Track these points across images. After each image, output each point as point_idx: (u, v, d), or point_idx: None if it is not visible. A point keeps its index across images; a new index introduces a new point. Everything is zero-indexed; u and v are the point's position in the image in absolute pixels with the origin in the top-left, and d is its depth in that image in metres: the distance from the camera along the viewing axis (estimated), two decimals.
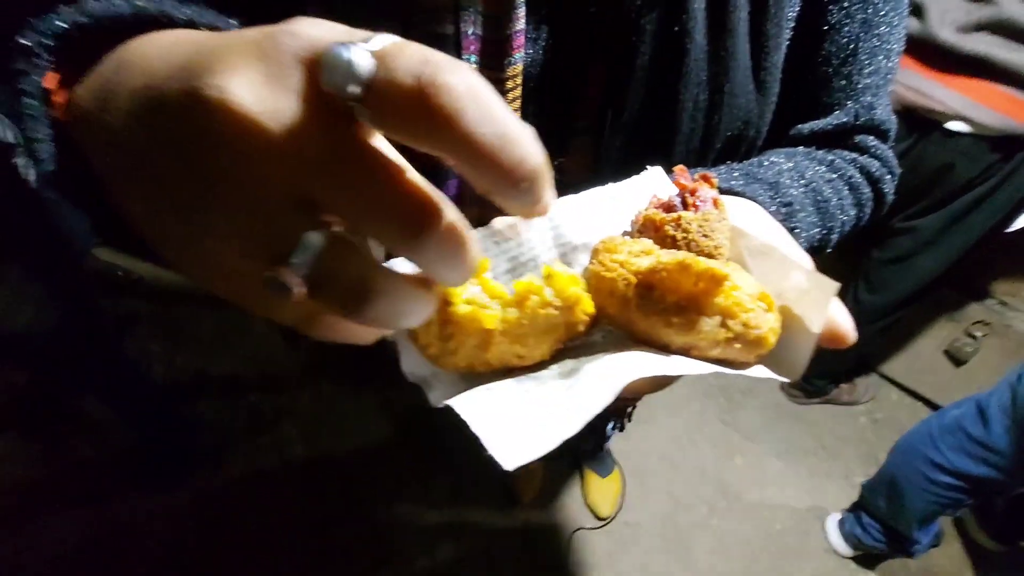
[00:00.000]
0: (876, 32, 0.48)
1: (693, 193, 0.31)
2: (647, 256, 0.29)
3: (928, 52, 1.12)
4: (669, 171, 0.35)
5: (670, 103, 0.44)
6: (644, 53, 0.42)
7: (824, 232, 0.48)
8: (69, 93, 0.24)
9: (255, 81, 0.18)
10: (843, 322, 0.30)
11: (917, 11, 1.12)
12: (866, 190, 0.52)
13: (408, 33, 0.38)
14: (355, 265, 0.20)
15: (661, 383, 0.30)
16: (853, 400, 1.92)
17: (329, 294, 0.20)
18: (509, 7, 0.39)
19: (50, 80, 0.24)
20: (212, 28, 0.26)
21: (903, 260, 1.43)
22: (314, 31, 0.19)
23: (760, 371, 0.30)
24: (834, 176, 0.50)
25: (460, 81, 0.17)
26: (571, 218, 0.34)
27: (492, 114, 0.17)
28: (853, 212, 0.51)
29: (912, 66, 1.16)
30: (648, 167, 0.36)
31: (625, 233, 0.34)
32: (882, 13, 0.47)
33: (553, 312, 0.28)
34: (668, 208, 0.31)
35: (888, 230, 1.41)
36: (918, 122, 1.19)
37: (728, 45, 0.42)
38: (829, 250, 0.51)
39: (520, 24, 0.39)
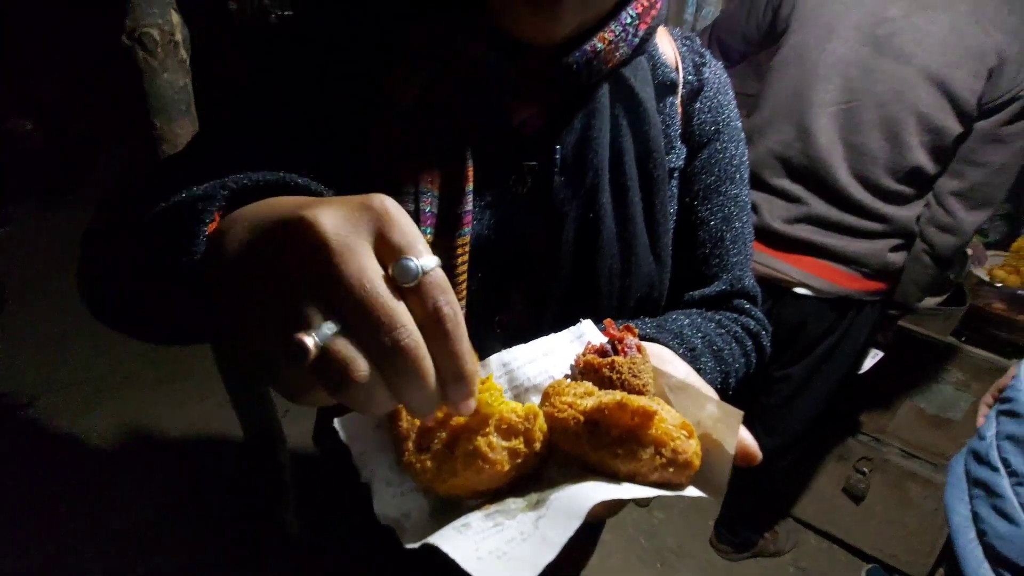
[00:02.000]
0: (734, 225, 0.65)
1: (621, 341, 0.38)
2: (590, 397, 0.35)
3: (768, 237, 1.44)
4: (597, 323, 0.43)
5: (591, 270, 0.54)
6: (568, 233, 0.53)
7: (723, 376, 0.58)
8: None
9: (339, 219, 0.26)
10: (750, 443, 0.37)
11: (753, 208, 1.46)
12: (748, 342, 0.64)
13: None
14: (351, 354, 0.26)
15: (615, 508, 0.33)
16: (778, 550, 1.94)
17: (326, 369, 0.25)
18: (460, 193, 0.49)
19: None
20: (317, 192, 0.37)
21: (784, 404, 1.63)
22: (395, 214, 0.28)
23: (692, 491, 0.35)
24: (723, 331, 0.62)
25: (452, 313, 0.27)
26: (522, 364, 0.40)
27: (459, 338, 0.27)
28: (742, 360, 0.63)
29: (759, 247, 1.46)
30: (581, 319, 0.44)
31: (567, 376, 0.40)
32: (735, 213, 0.65)
33: (516, 418, 0.32)
34: (602, 353, 0.38)
35: (768, 379, 1.62)
36: (773, 288, 1.46)
37: (630, 228, 0.56)
38: (730, 392, 0.60)
39: (468, 206, 0.49)
